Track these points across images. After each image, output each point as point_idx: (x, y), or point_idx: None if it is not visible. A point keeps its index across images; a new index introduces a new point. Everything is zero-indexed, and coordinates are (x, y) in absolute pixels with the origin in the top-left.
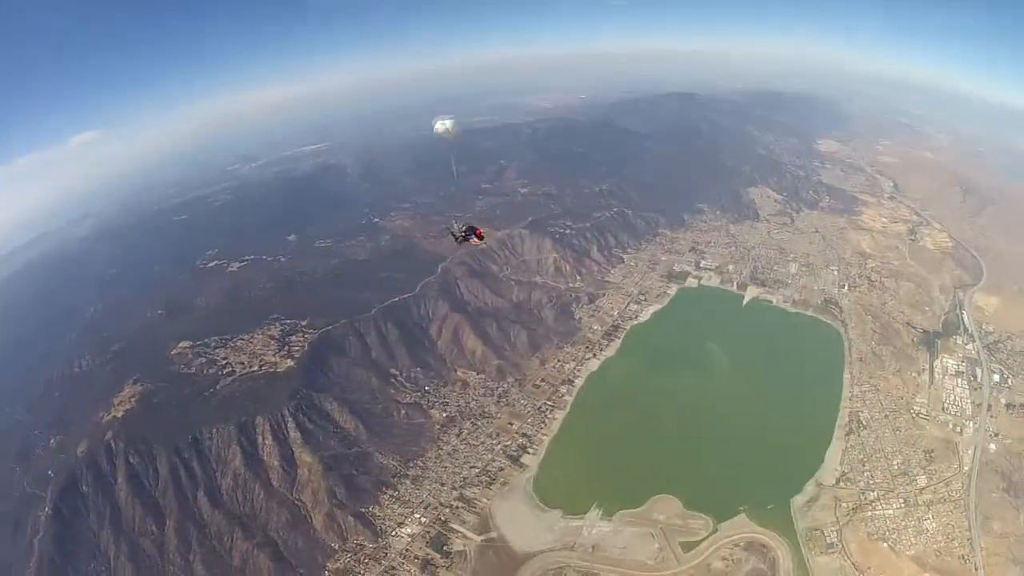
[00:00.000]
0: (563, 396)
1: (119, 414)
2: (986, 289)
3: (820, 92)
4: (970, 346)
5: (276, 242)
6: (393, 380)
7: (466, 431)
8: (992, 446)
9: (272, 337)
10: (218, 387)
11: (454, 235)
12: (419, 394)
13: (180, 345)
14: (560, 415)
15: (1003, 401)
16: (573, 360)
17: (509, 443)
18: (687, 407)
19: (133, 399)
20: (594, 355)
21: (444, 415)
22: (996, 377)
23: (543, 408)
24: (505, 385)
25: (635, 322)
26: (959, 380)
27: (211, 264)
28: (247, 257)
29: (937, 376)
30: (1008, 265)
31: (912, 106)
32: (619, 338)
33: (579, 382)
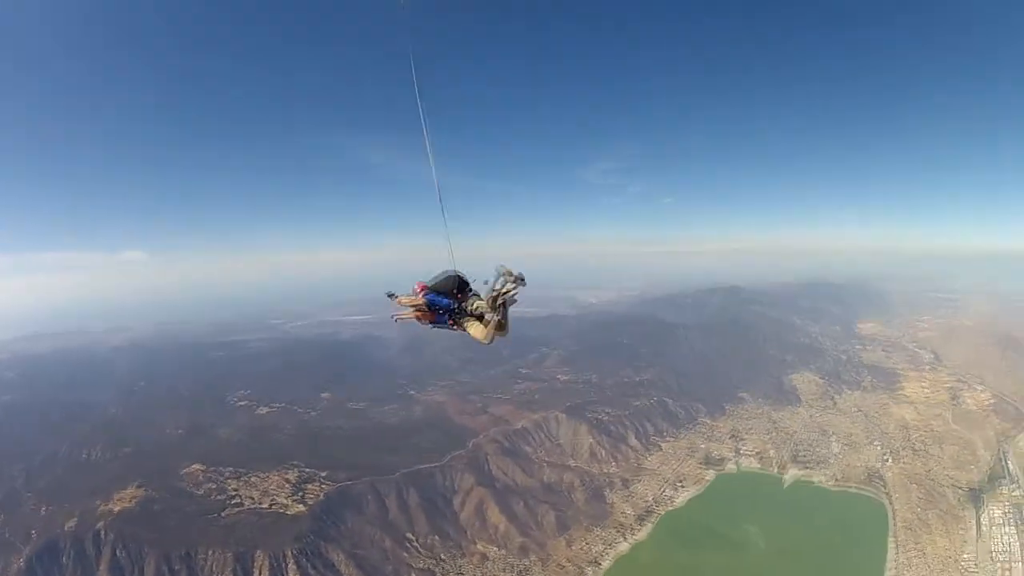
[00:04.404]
0: None
1: (116, 508)
2: None
3: (862, 278)
4: (1016, 492)
5: (309, 396)
6: (408, 544)
7: None
8: None
9: (288, 480)
10: (222, 514)
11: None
12: (433, 561)
13: (193, 466)
14: None
15: None
16: (602, 542)
17: None
18: None
19: (134, 500)
20: (624, 538)
21: None
22: None
23: None
24: (527, 563)
25: (670, 507)
26: (1006, 526)
27: (240, 403)
28: (277, 404)
29: (984, 528)
30: None
31: (951, 278)
32: (652, 522)
33: (606, 564)
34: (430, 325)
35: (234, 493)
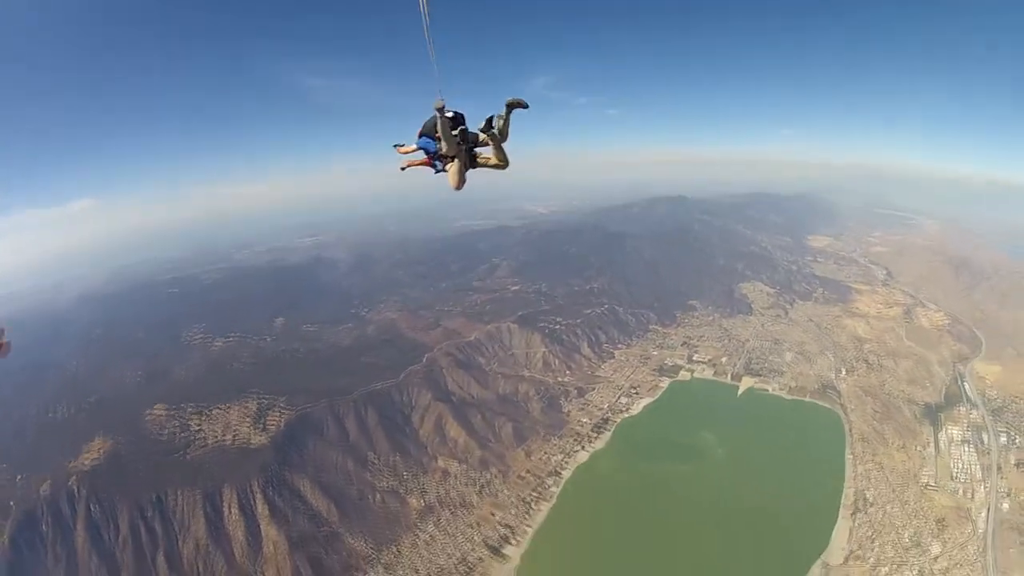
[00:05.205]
0: (549, 488)
1: (86, 463)
2: (986, 359)
3: (811, 191)
4: (974, 414)
5: (263, 324)
6: (370, 465)
7: (445, 520)
8: (1005, 505)
9: (248, 411)
10: (188, 453)
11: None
12: (396, 480)
13: (155, 409)
14: (546, 507)
15: (1012, 460)
16: (561, 452)
17: (491, 534)
18: (683, 497)
19: (102, 451)
20: (583, 447)
21: (422, 503)
22: (1003, 439)
23: (528, 499)
24: (488, 475)
25: (626, 415)
26: (966, 447)
27: (196, 339)
28: (232, 335)
29: (943, 446)
30: (1006, 333)
31: (902, 196)
32: (609, 431)
33: (567, 474)
34: (434, 171)
35: (197, 430)
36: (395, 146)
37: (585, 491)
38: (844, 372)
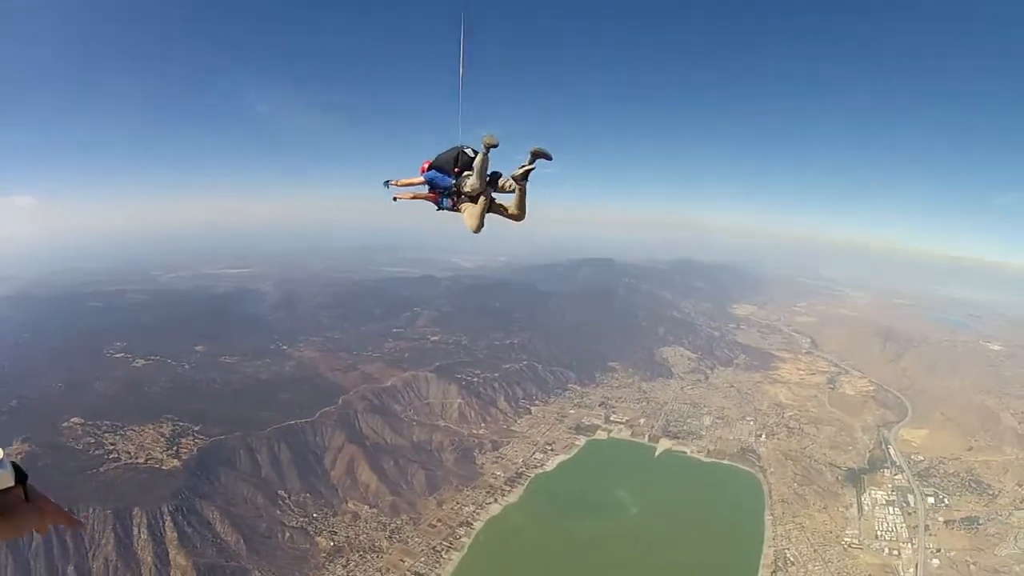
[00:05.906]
0: (460, 538)
1: None
2: (913, 423)
3: (738, 260)
4: (899, 476)
5: (184, 349)
6: (280, 501)
7: (353, 563)
8: (935, 561)
9: (162, 434)
10: (101, 469)
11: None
12: (306, 519)
13: (73, 420)
14: (456, 556)
15: (941, 519)
16: (473, 504)
17: None
18: (596, 554)
19: (19, 456)
20: (495, 500)
21: (331, 544)
22: (931, 500)
23: (438, 548)
24: (399, 522)
25: (540, 470)
26: (890, 508)
27: (117, 355)
28: (153, 356)
29: (866, 508)
30: (933, 399)
31: (831, 267)
32: (523, 485)
33: (478, 525)
34: (435, 207)
35: (111, 447)
36: (387, 183)
37: (496, 542)
38: (764, 436)
